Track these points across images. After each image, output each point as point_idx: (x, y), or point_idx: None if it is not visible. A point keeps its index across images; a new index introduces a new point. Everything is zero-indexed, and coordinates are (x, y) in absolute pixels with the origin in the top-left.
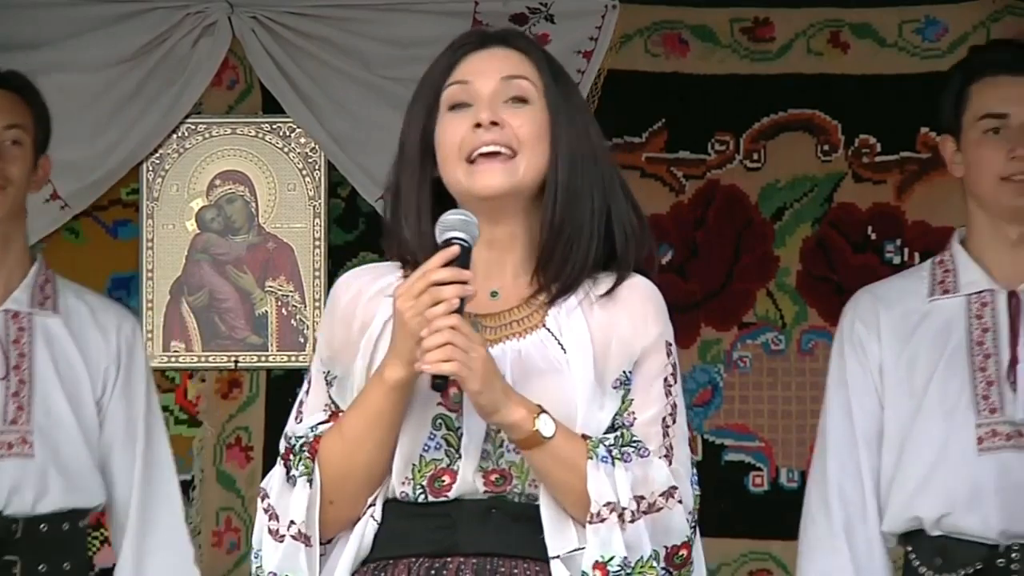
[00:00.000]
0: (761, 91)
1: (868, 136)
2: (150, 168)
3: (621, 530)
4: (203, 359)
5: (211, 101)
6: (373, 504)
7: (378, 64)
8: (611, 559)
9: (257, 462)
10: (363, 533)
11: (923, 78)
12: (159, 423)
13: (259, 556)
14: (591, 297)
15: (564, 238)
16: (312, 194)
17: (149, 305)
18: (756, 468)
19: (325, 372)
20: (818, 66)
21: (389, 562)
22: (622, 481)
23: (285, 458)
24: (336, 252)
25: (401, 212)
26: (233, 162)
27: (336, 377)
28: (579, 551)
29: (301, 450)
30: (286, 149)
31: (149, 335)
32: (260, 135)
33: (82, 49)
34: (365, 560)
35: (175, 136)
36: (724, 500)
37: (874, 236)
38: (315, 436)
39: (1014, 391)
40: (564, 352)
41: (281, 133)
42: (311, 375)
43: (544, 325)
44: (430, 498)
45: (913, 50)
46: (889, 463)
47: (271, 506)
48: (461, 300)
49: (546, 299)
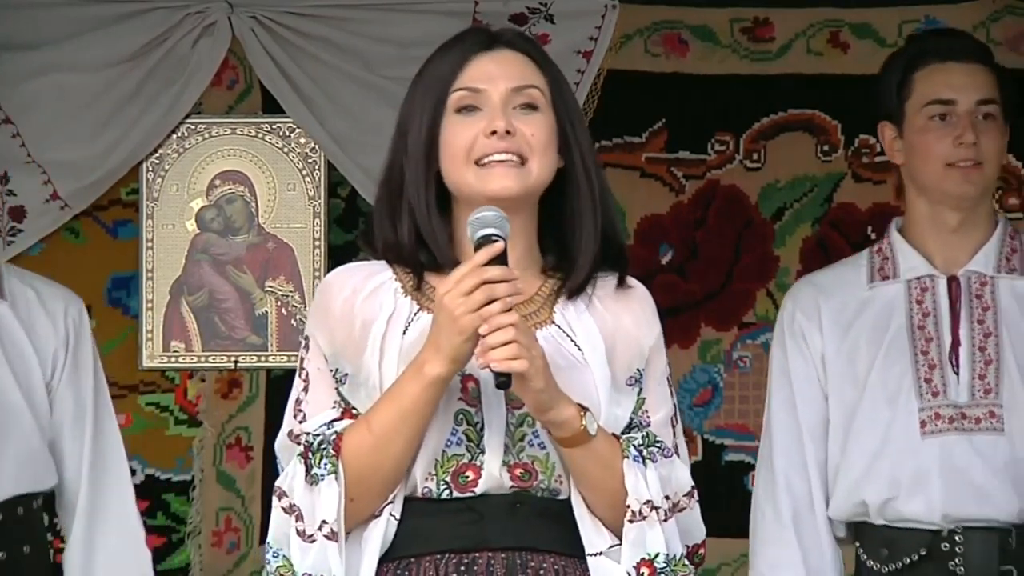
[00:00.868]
0: (761, 91)
1: (868, 136)
2: (150, 168)
3: (661, 528)
4: (203, 359)
5: (211, 101)
6: (391, 502)
7: (378, 64)
8: (656, 556)
9: (257, 462)
10: (384, 532)
11: None
12: (107, 406)
13: (280, 555)
14: (594, 295)
15: (586, 239)
16: (312, 194)
17: (149, 305)
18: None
19: (333, 370)
20: (818, 66)
21: (412, 560)
22: (653, 481)
23: (304, 456)
24: (336, 252)
25: (404, 204)
26: (233, 162)
27: (347, 374)
28: (615, 547)
29: (321, 447)
30: (286, 149)
31: (149, 335)
32: (260, 135)
33: (82, 49)
34: (387, 558)
35: (175, 136)
36: (724, 500)
37: (874, 236)
38: (336, 433)
39: (956, 374)
40: (579, 349)
41: (281, 133)
42: (308, 373)
43: (553, 321)
44: (455, 494)
45: None
46: (835, 452)
47: (295, 506)
48: None
49: (551, 295)
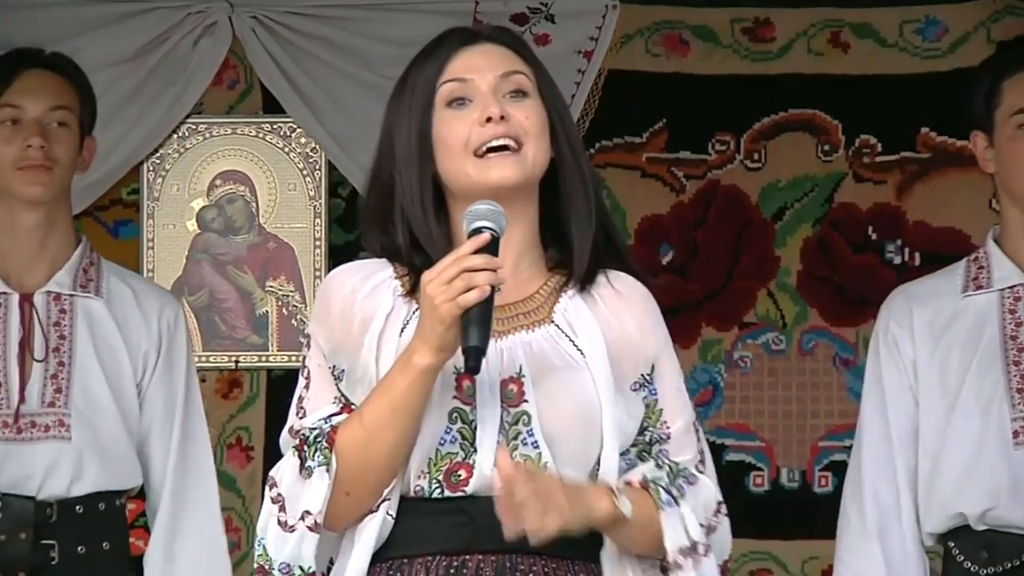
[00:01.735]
0: (762, 91)
1: (869, 136)
2: (151, 168)
3: (697, 571)
4: (203, 359)
5: (211, 101)
6: (387, 499)
7: (379, 64)
8: None
9: (257, 462)
10: (379, 530)
11: (923, 78)
12: (198, 410)
13: (261, 543)
14: (597, 295)
15: (585, 226)
16: (312, 194)
17: None
18: (757, 468)
19: (331, 367)
20: (819, 66)
21: (405, 561)
22: (690, 518)
23: (300, 449)
24: (337, 252)
25: (396, 210)
26: (233, 162)
27: (344, 371)
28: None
29: (316, 441)
30: (287, 149)
31: None
32: (260, 135)
33: (82, 49)
34: (379, 558)
35: (176, 136)
36: (725, 500)
37: (875, 236)
38: (331, 427)
39: None
40: (579, 351)
41: (282, 133)
42: (309, 371)
43: (552, 320)
44: (446, 493)
45: (913, 50)
46: (925, 462)
47: (281, 496)
48: (492, 288)
49: (553, 293)
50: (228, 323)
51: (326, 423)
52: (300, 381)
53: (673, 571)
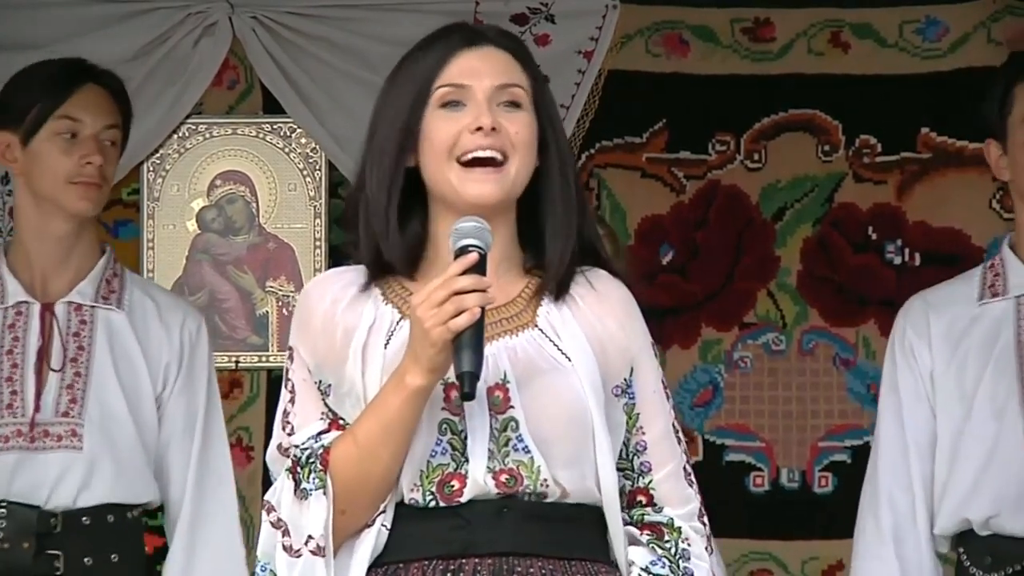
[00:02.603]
0: (762, 91)
1: (869, 136)
2: (151, 168)
3: None
4: None
5: (212, 101)
6: (383, 512)
7: (379, 64)
8: None
9: (258, 462)
10: (375, 541)
11: (924, 78)
12: (218, 423)
13: (267, 569)
14: (578, 297)
15: (562, 239)
16: (313, 194)
17: None
18: (757, 468)
19: (317, 382)
20: (819, 66)
21: (400, 565)
22: None
23: (293, 471)
24: (337, 252)
25: (361, 199)
26: (234, 162)
27: (330, 385)
28: None
29: (310, 462)
30: (287, 149)
31: None
32: (261, 135)
33: (83, 49)
34: (376, 564)
35: (176, 136)
36: (724, 501)
37: (875, 236)
38: (324, 447)
39: None
40: (563, 355)
41: (282, 133)
42: (294, 384)
43: (536, 324)
44: (441, 504)
45: (914, 50)
46: (942, 469)
47: (282, 521)
48: (482, 309)
49: (535, 295)
50: (228, 323)
51: (316, 442)
52: (284, 395)
53: None
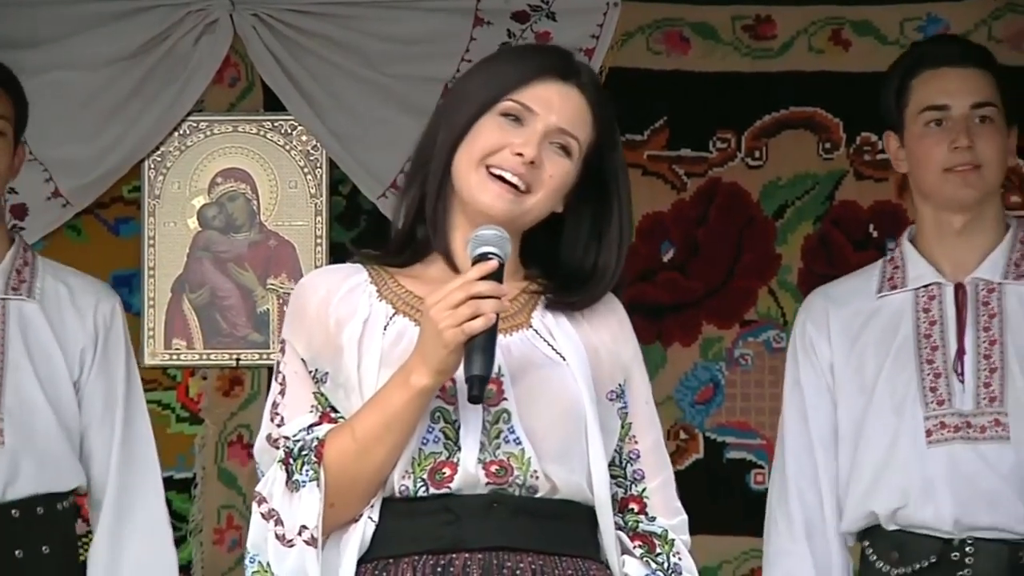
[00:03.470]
0: (763, 89)
1: (869, 134)
2: (152, 166)
3: None
4: (205, 356)
5: (212, 98)
6: (371, 506)
7: (380, 61)
8: None
9: None
10: (362, 534)
11: None
12: (139, 403)
13: (256, 560)
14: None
15: (599, 281)
16: (313, 191)
17: (151, 303)
18: (758, 466)
19: (313, 371)
20: (820, 64)
21: (390, 561)
22: None
23: (285, 462)
24: (337, 249)
25: (413, 191)
26: (234, 159)
27: (327, 373)
28: None
29: (303, 454)
30: (287, 146)
31: (151, 332)
32: (261, 132)
33: (83, 47)
34: (365, 559)
35: (176, 134)
36: (725, 498)
37: (876, 234)
38: (318, 439)
39: (961, 382)
40: (557, 353)
41: (282, 130)
42: (284, 377)
43: (530, 325)
44: (431, 490)
45: None
46: (845, 462)
47: (274, 511)
48: (496, 315)
49: (531, 300)
50: (229, 321)
51: (309, 433)
52: (274, 387)
53: None
